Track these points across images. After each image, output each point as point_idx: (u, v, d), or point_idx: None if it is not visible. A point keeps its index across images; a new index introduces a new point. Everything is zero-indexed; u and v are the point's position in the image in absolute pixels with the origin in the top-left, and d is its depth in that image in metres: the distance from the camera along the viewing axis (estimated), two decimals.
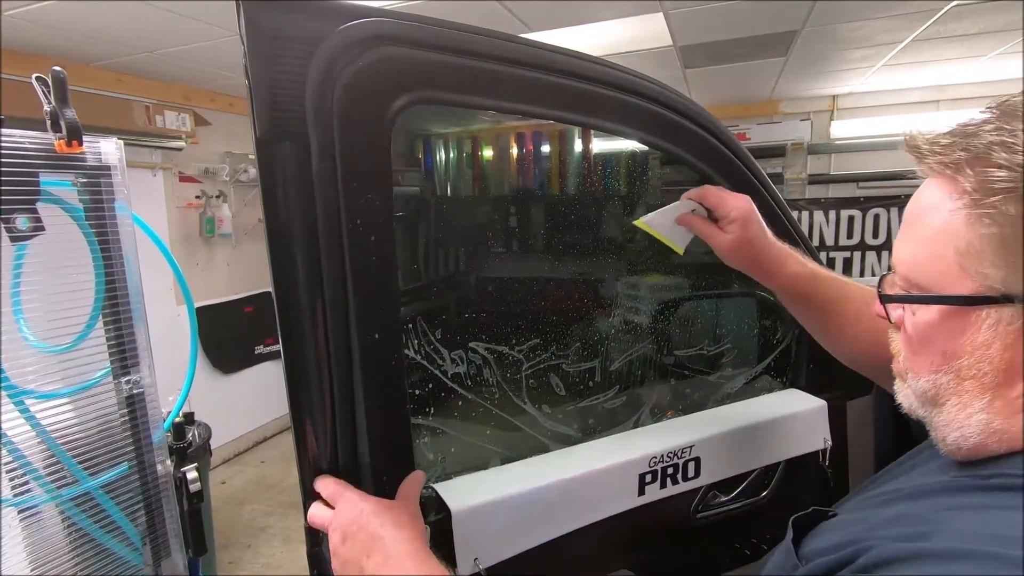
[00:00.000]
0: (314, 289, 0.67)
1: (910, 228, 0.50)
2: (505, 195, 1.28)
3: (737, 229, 0.82)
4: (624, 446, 1.00)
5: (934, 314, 0.47)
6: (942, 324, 0.47)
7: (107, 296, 0.89)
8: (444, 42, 0.67)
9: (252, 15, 0.59)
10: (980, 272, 0.43)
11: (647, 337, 1.39)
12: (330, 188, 0.64)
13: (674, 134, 0.89)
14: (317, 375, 0.69)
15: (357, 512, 0.65)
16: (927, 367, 0.49)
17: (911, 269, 0.49)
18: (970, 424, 0.47)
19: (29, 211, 0.80)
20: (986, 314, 0.44)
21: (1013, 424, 0.45)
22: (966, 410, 0.47)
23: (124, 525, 0.96)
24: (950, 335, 0.46)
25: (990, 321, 0.44)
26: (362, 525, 0.64)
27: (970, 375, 0.46)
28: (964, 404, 0.47)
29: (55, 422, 0.88)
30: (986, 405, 0.46)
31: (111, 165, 0.88)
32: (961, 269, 0.45)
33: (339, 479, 0.70)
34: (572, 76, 0.76)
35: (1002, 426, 0.45)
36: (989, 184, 0.42)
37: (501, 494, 0.85)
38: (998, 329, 0.44)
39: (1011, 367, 0.44)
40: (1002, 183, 0.42)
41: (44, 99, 0.80)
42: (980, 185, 0.43)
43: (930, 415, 0.51)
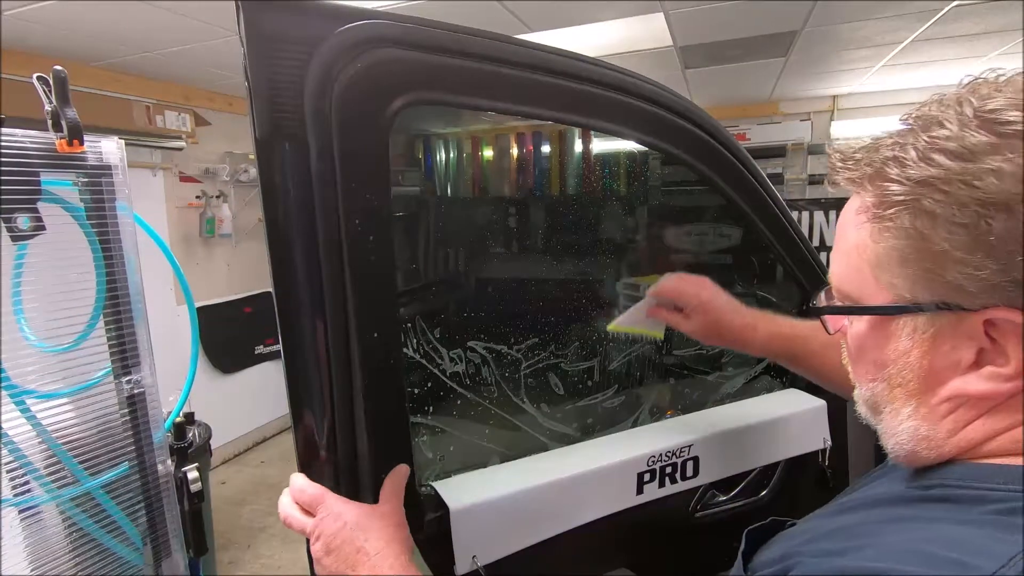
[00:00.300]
0: (313, 289, 0.67)
1: (837, 240, 0.51)
2: (502, 195, 1.28)
3: (699, 315, 0.90)
4: (623, 445, 1.00)
5: (864, 324, 0.49)
6: (870, 334, 0.48)
7: (108, 296, 0.89)
8: (442, 44, 0.67)
9: (252, 16, 0.59)
10: (891, 283, 0.45)
11: (645, 336, 1.39)
12: (329, 188, 0.65)
13: (671, 134, 0.89)
14: (317, 374, 0.70)
15: (340, 524, 0.65)
16: (864, 376, 0.51)
17: (840, 281, 0.50)
18: (902, 431, 0.48)
19: (30, 210, 0.81)
20: (903, 323, 0.45)
21: (938, 431, 0.46)
22: (897, 417, 0.48)
23: (125, 525, 0.96)
24: (878, 345, 0.48)
25: (907, 330, 0.45)
26: (346, 538, 0.64)
27: (897, 383, 0.47)
28: (895, 411, 0.48)
29: (56, 422, 0.88)
30: (913, 412, 0.47)
31: (112, 165, 0.88)
32: (875, 280, 0.46)
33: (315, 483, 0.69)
34: (569, 77, 0.77)
35: (928, 432, 0.46)
36: (885, 198, 0.44)
37: (499, 492, 0.85)
38: (915, 337, 0.45)
39: (930, 374, 0.45)
40: (896, 197, 0.43)
41: (45, 99, 0.80)
42: (878, 200, 0.45)
43: (874, 423, 0.52)
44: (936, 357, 0.44)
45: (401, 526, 0.67)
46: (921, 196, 0.41)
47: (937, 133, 0.42)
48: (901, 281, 0.44)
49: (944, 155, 0.41)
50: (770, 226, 1.05)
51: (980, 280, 0.40)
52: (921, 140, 0.43)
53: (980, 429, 0.44)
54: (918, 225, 0.42)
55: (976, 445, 0.45)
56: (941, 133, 0.42)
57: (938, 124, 0.43)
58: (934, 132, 0.42)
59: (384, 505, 0.69)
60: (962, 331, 0.42)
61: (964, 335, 0.42)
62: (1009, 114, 0.40)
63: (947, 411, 0.45)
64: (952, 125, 0.42)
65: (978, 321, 0.41)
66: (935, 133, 0.42)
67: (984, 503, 0.41)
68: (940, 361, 0.44)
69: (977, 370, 0.43)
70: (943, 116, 0.43)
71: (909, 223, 0.42)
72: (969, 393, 0.43)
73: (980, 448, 0.45)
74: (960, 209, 0.40)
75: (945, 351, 0.44)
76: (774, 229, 1.05)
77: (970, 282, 0.40)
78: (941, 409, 0.45)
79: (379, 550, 0.62)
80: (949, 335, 0.43)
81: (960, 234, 0.40)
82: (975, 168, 0.39)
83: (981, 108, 0.41)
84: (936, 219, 0.41)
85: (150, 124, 3.33)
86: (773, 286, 1.28)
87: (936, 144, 0.42)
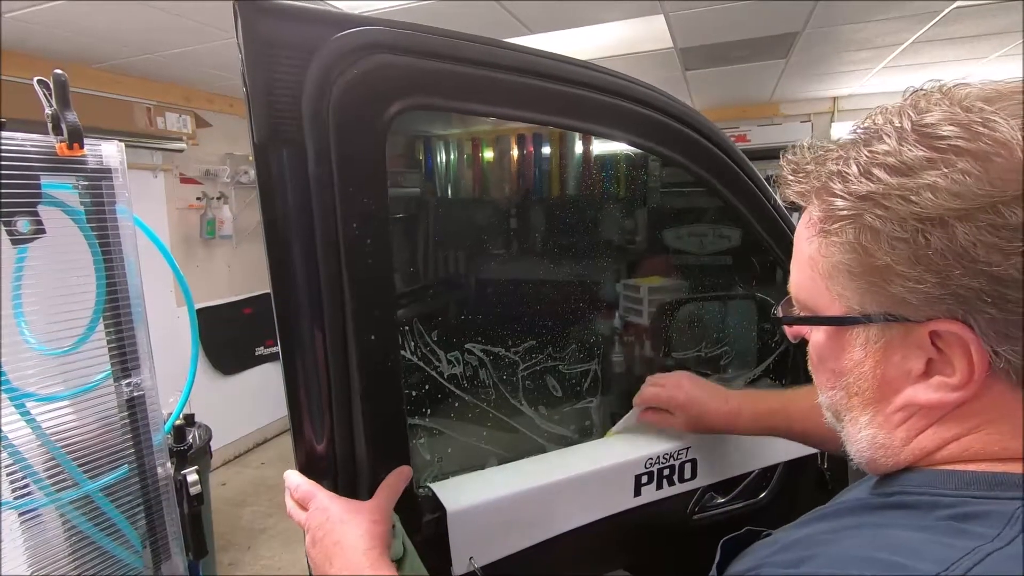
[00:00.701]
0: (312, 292, 0.68)
1: (795, 251, 0.52)
2: (500, 197, 1.29)
3: (682, 413, 0.96)
4: (620, 447, 1.00)
5: (821, 334, 0.49)
6: (828, 343, 0.49)
7: (108, 298, 0.89)
8: (438, 49, 0.68)
9: (249, 21, 0.60)
10: (841, 295, 0.45)
11: (645, 339, 1.39)
12: (327, 192, 0.65)
13: (667, 138, 0.89)
14: (315, 377, 0.70)
15: (325, 517, 0.67)
16: (825, 384, 0.51)
17: (797, 291, 0.51)
18: (861, 439, 0.48)
19: (30, 214, 0.81)
20: (855, 333, 0.46)
21: (893, 439, 0.47)
22: (856, 425, 0.49)
23: (124, 528, 0.96)
24: (835, 354, 0.48)
25: (860, 340, 0.46)
26: (327, 531, 0.66)
27: (855, 392, 0.48)
28: (854, 419, 0.49)
29: (55, 425, 0.89)
30: (870, 420, 0.47)
31: (112, 168, 0.88)
32: (828, 291, 0.46)
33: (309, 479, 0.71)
34: (565, 81, 0.77)
35: (884, 440, 0.47)
36: (831, 213, 0.44)
37: (497, 494, 0.85)
38: (867, 348, 0.45)
39: (883, 383, 0.45)
40: (841, 212, 0.43)
41: (45, 102, 0.80)
42: (825, 214, 0.45)
43: (838, 430, 0.52)
44: (888, 367, 0.45)
45: (378, 522, 0.67)
46: (863, 211, 0.42)
47: (877, 147, 0.42)
48: (850, 293, 0.45)
49: (883, 170, 0.41)
50: (767, 228, 1.05)
51: (922, 293, 0.40)
52: (863, 154, 0.43)
53: (932, 437, 0.45)
54: (862, 240, 0.42)
55: (930, 453, 0.45)
56: (881, 148, 0.42)
57: (879, 138, 0.43)
58: (875, 146, 0.43)
59: (370, 502, 0.70)
60: (911, 342, 0.43)
61: (913, 345, 0.43)
62: (944, 128, 0.40)
63: (901, 420, 0.46)
64: (891, 139, 0.42)
65: (924, 332, 0.42)
66: (875, 147, 0.43)
67: (937, 508, 0.42)
68: (892, 371, 0.45)
69: (927, 380, 0.43)
70: (884, 130, 0.43)
71: (853, 237, 0.43)
72: (920, 402, 0.44)
73: (934, 455, 0.45)
74: (900, 224, 0.40)
75: (896, 361, 0.44)
76: (771, 231, 1.06)
77: (913, 295, 0.41)
78: (895, 418, 0.46)
79: (352, 543, 0.64)
80: (899, 345, 0.44)
81: (901, 248, 0.40)
82: (912, 183, 0.40)
83: (919, 122, 0.41)
84: (878, 234, 0.41)
85: (151, 126, 3.34)
86: (772, 287, 1.28)
87: (876, 159, 0.42)
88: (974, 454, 0.43)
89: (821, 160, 0.47)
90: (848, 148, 0.45)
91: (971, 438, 0.43)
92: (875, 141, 0.43)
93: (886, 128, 0.43)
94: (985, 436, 0.43)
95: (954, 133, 0.39)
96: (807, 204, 0.48)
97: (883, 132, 0.43)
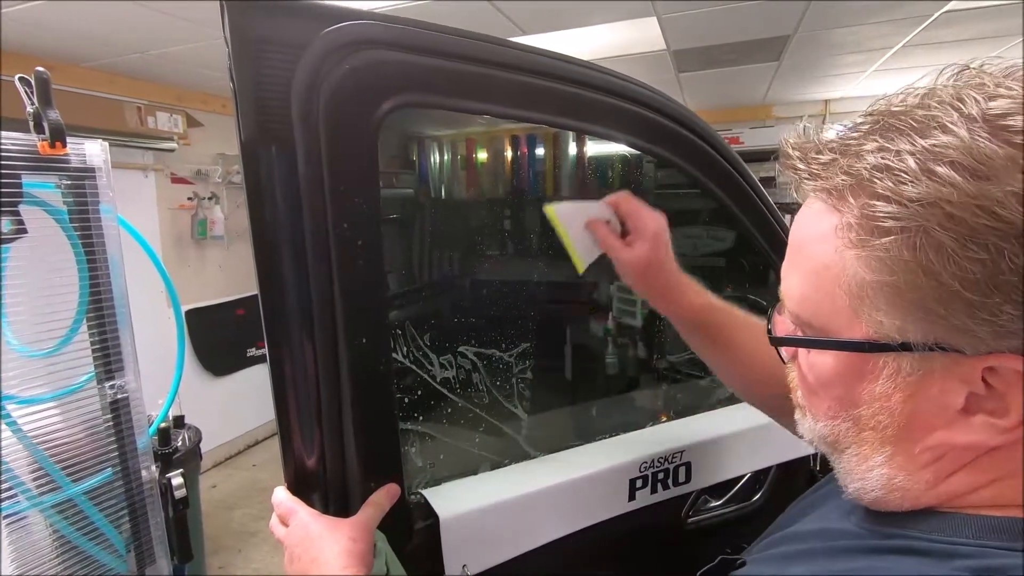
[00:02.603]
0: (301, 294, 0.66)
1: (796, 255, 0.43)
2: (493, 198, 1.28)
3: (645, 247, 0.76)
4: (615, 451, 0.99)
5: (829, 357, 0.41)
6: (837, 369, 0.41)
7: (91, 300, 0.88)
8: (431, 46, 0.67)
9: (236, 18, 0.58)
10: (874, 319, 0.37)
11: (638, 342, 1.39)
12: (316, 192, 0.64)
13: (661, 137, 0.89)
14: (304, 381, 0.69)
15: (304, 534, 0.66)
16: (824, 411, 0.43)
17: (800, 306, 0.42)
18: (871, 478, 0.41)
19: (12, 213, 0.79)
20: (883, 362, 0.38)
21: (916, 481, 0.40)
22: (866, 463, 0.41)
23: (108, 532, 0.94)
24: (846, 382, 0.40)
25: (888, 371, 0.38)
26: (306, 548, 0.65)
27: (869, 426, 0.40)
28: (864, 456, 0.41)
29: (38, 427, 0.87)
30: (887, 459, 0.40)
31: (96, 167, 0.87)
32: (853, 312, 0.38)
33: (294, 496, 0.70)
34: (559, 80, 0.76)
35: (904, 483, 0.40)
36: (875, 222, 0.35)
37: (490, 500, 0.84)
38: (897, 380, 0.38)
39: (913, 420, 0.38)
40: (890, 220, 0.35)
41: (27, 100, 0.79)
42: (865, 221, 0.36)
43: (831, 458, 0.46)
44: (921, 401, 0.38)
45: (358, 540, 0.65)
46: (924, 222, 0.33)
47: (939, 139, 0.34)
48: (888, 319, 0.37)
49: (953, 169, 0.33)
50: (761, 230, 1.05)
51: (994, 326, 0.33)
52: (919, 145, 0.34)
53: (963, 481, 0.39)
54: (920, 258, 0.34)
55: (958, 496, 0.39)
56: (945, 140, 0.33)
57: (939, 127, 0.34)
58: (935, 137, 0.34)
59: (351, 519, 0.68)
60: (955, 374, 0.36)
61: (956, 379, 0.36)
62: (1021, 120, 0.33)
63: (928, 460, 0.39)
64: (959, 129, 0.33)
65: (978, 367, 0.35)
66: (937, 140, 0.34)
67: (955, 558, 0.36)
68: (925, 405, 0.38)
69: (967, 417, 0.37)
70: (944, 117, 0.34)
71: (909, 255, 0.34)
72: (957, 444, 0.38)
73: (961, 499, 0.39)
74: (976, 241, 0.32)
75: (932, 395, 0.37)
76: (764, 233, 1.05)
77: (981, 327, 0.33)
78: (922, 458, 0.39)
79: (329, 561, 0.62)
80: (939, 378, 0.36)
81: (974, 272, 0.32)
82: (995, 190, 0.32)
83: (989, 111, 0.33)
84: (943, 252, 0.33)
85: (142, 125, 3.30)
86: (765, 289, 1.28)
87: (939, 153, 0.33)
88: (1010, 500, 0.37)
89: (846, 149, 0.38)
90: (890, 136, 0.36)
91: (1009, 483, 0.37)
92: (934, 130, 0.34)
93: (947, 115, 0.34)
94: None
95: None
96: (839, 205, 0.38)
97: (944, 120, 0.34)
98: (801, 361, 0.45)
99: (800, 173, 0.41)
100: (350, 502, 0.72)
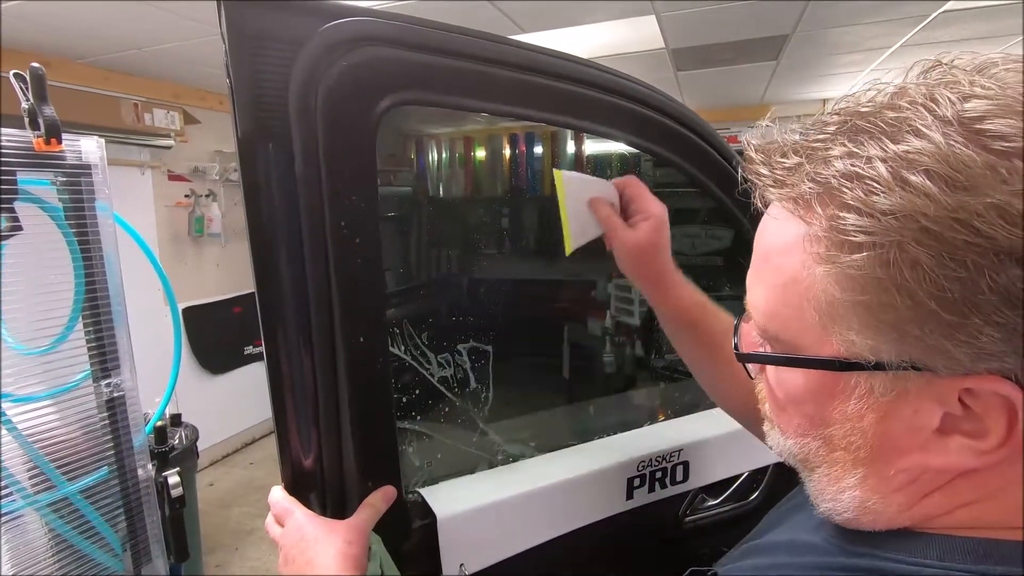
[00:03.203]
0: (298, 292, 0.66)
1: (761, 265, 0.40)
2: (492, 196, 1.27)
3: (648, 230, 0.73)
4: (613, 450, 0.99)
5: (798, 375, 0.39)
6: (807, 386, 0.38)
7: (87, 297, 0.87)
8: (430, 43, 0.66)
9: (234, 15, 0.58)
10: (845, 337, 0.35)
11: (636, 340, 1.39)
12: (314, 190, 0.63)
13: (661, 136, 0.89)
14: (301, 380, 0.68)
15: (299, 536, 0.66)
16: (793, 428, 0.41)
17: (767, 319, 0.40)
18: (843, 499, 0.39)
19: (7, 210, 0.79)
20: (855, 382, 0.36)
21: (889, 504, 0.38)
22: (838, 483, 0.39)
23: (104, 530, 0.94)
24: (817, 399, 0.38)
25: (861, 390, 0.36)
26: (301, 550, 0.64)
27: (841, 446, 0.38)
28: (835, 477, 0.39)
29: (33, 425, 0.86)
30: (859, 481, 0.38)
31: (92, 164, 0.86)
32: (823, 329, 0.36)
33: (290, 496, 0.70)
34: (559, 78, 0.76)
35: (877, 506, 0.38)
36: (845, 235, 0.33)
37: (488, 499, 0.84)
38: (869, 400, 0.36)
39: (886, 441, 0.36)
40: (861, 235, 0.32)
41: (22, 96, 0.78)
42: (834, 235, 0.33)
43: (802, 474, 0.44)
44: (894, 422, 0.35)
45: (352, 543, 0.65)
46: (898, 237, 0.31)
47: (912, 145, 0.31)
48: (861, 338, 0.34)
49: (928, 178, 0.30)
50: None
51: (973, 348, 0.31)
52: (890, 151, 0.31)
53: (939, 503, 0.37)
54: (894, 276, 0.31)
55: (932, 518, 0.37)
56: (918, 145, 0.31)
57: (912, 131, 0.31)
58: (908, 143, 0.31)
59: (347, 521, 0.68)
60: (930, 395, 0.34)
61: (932, 399, 0.34)
62: (999, 123, 0.30)
63: (903, 482, 0.37)
64: (933, 134, 0.31)
65: (955, 388, 0.33)
66: (910, 145, 0.31)
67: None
68: (899, 427, 0.35)
69: (942, 438, 0.35)
70: (917, 120, 0.32)
71: (882, 273, 0.31)
72: (932, 465, 0.36)
73: (936, 520, 0.37)
74: (955, 259, 0.29)
75: (906, 416, 0.35)
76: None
77: (959, 348, 0.31)
78: (896, 480, 0.37)
79: (323, 564, 0.62)
80: (913, 399, 0.34)
81: (952, 291, 0.30)
82: (974, 202, 0.29)
83: (964, 113, 0.31)
84: (918, 269, 0.30)
85: (138, 122, 3.29)
86: None
87: (914, 161, 0.31)
88: (987, 522, 0.36)
89: (811, 152, 0.35)
90: (858, 139, 0.33)
91: (986, 505, 0.36)
92: (906, 134, 0.31)
93: (920, 116, 0.31)
94: (1004, 503, 0.35)
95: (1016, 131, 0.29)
96: (806, 215, 0.35)
97: (916, 123, 0.31)
98: (770, 375, 0.43)
99: (764, 179, 0.38)
100: (347, 501, 0.72)
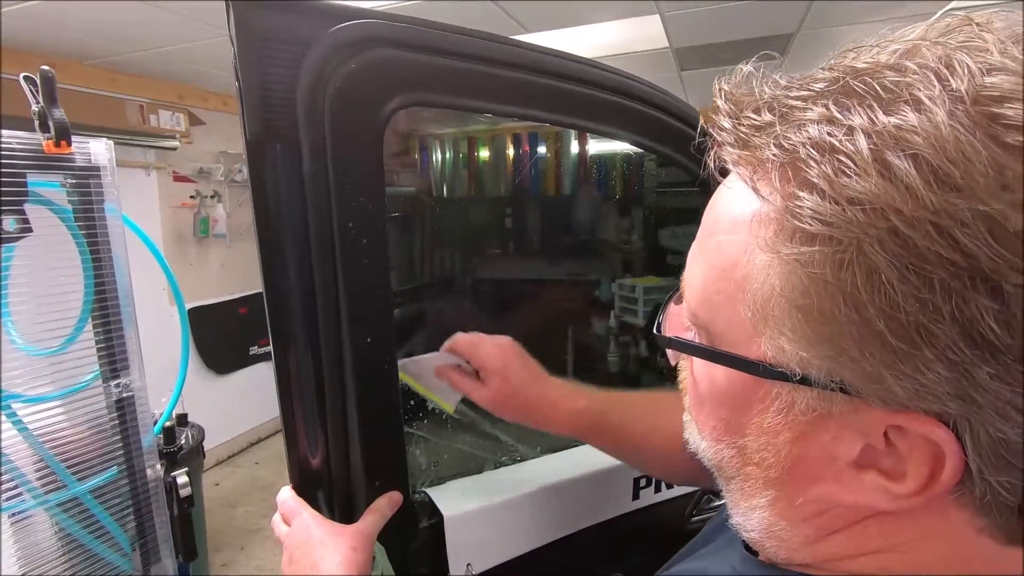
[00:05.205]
0: (305, 293, 0.66)
1: (705, 239, 0.34)
2: (497, 196, 1.28)
3: (496, 381, 0.74)
4: None
5: (720, 372, 0.34)
6: (727, 387, 0.34)
7: (96, 298, 0.88)
8: (437, 44, 0.67)
9: (242, 16, 0.58)
10: (775, 342, 0.29)
11: (641, 339, 1.39)
12: (321, 191, 0.63)
13: (666, 136, 0.88)
14: (308, 380, 0.69)
15: (305, 537, 0.65)
16: (709, 430, 0.37)
17: (698, 303, 0.34)
18: (752, 517, 0.35)
19: (17, 212, 0.79)
20: (776, 392, 0.31)
21: (796, 534, 0.34)
22: (749, 500, 0.35)
23: (113, 530, 0.95)
24: (735, 404, 0.34)
25: (781, 403, 0.31)
26: (305, 552, 0.64)
27: (753, 460, 0.34)
28: (746, 493, 0.35)
29: (43, 426, 0.87)
30: (769, 503, 0.34)
31: (101, 165, 0.87)
32: (754, 328, 0.30)
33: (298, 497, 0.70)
34: (565, 78, 0.76)
35: (784, 533, 0.34)
36: (798, 222, 0.26)
37: (495, 499, 0.84)
38: (788, 416, 0.31)
39: (799, 465, 0.32)
40: (817, 224, 0.25)
41: (32, 99, 0.79)
42: (786, 218, 0.27)
43: (717, 479, 0.40)
44: (811, 445, 0.31)
45: (358, 550, 0.64)
46: (861, 234, 0.24)
47: (907, 119, 0.24)
48: (792, 347, 0.29)
49: (914, 165, 0.23)
50: None
51: (916, 384, 0.25)
52: (878, 123, 0.25)
53: (844, 544, 0.33)
54: (844, 283, 0.25)
55: (834, 560, 0.34)
56: (913, 121, 0.24)
57: (912, 102, 0.24)
58: (902, 115, 0.24)
59: (353, 527, 0.68)
60: (854, 423, 0.29)
61: (854, 428, 0.29)
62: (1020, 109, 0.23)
63: (811, 513, 0.33)
64: (937, 109, 0.24)
65: (882, 422, 0.28)
66: (904, 119, 0.24)
67: None
68: (814, 451, 0.31)
69: (858, 473, 0.30)
70: (921, 89, 0.25)
71: (832, 276, 0.26)
72: (842, 501, 0.32)
73: (837, 563, 0.34)
74: (918, 272, 0.23)
75: (824, 441, 0.30)
76: None
77: (899, 381, 0.26)
78: (805, 509, 0.33)
79: (328, 569, 0.62)
80: (835, 424, 0.30)
81: (908, 313, 0.24)
82: (962, 206, 0.23)
83: (983, 89, 0.23)
84: (874, 279, 0.24)
85: (144, 123, 3.30)
86: None
87: (903, 140, 0.24)
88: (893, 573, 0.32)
89: (788, 112, 0.28)
90: (845, 104, 0.26)
91: (893, 555, 0.32)
92: (903, 105, 0.25)
93: (927, 85, 0.25)
94: (913, 557, 0.31)
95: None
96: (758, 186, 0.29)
97: (920, 92, 0.24)
98: (695, 365, 0.39)
99: (724, 135, 0.31)
100: (354, 501, 0.72)
